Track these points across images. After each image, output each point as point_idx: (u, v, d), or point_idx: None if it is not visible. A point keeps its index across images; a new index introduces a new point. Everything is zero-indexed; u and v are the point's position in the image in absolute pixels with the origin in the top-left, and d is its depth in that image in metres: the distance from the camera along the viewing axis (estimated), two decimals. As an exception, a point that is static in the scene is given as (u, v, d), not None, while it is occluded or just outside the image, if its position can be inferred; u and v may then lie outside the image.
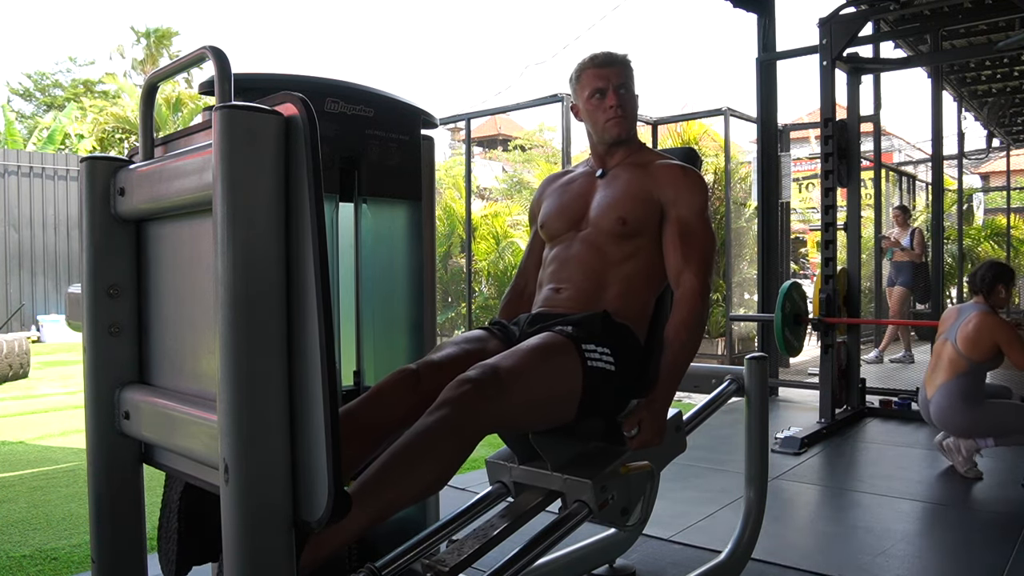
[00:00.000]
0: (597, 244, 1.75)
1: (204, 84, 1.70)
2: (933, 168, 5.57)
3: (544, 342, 1.54)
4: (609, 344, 1.61)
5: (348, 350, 1.93)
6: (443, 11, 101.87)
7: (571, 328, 1.59)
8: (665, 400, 1.63)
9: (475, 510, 1.69)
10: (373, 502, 1.30)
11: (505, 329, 1.73)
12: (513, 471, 1.70)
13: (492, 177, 12.57)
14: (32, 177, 10.50)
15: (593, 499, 1.55)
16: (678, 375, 1.64)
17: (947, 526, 2.78)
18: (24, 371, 6.74)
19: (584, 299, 1.71)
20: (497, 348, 1.61)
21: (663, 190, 1.74)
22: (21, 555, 2.51)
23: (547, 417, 1.56)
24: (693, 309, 1.64)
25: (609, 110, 1.78)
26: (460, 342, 1.64)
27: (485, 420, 1.40)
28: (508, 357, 1.47)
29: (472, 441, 1.39)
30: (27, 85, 21.93)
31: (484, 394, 1.38)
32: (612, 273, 1.73)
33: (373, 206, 1.95)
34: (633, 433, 1.59)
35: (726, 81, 77.32)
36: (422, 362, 1.55)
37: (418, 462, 1.33)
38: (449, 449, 1.36)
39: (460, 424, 1.36)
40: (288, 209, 1.06)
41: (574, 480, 1.58)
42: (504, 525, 1.52)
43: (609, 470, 1.59)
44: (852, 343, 4.62)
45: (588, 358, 1.55)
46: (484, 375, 1.40)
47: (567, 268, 1.76)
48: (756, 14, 5.33)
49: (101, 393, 1.41)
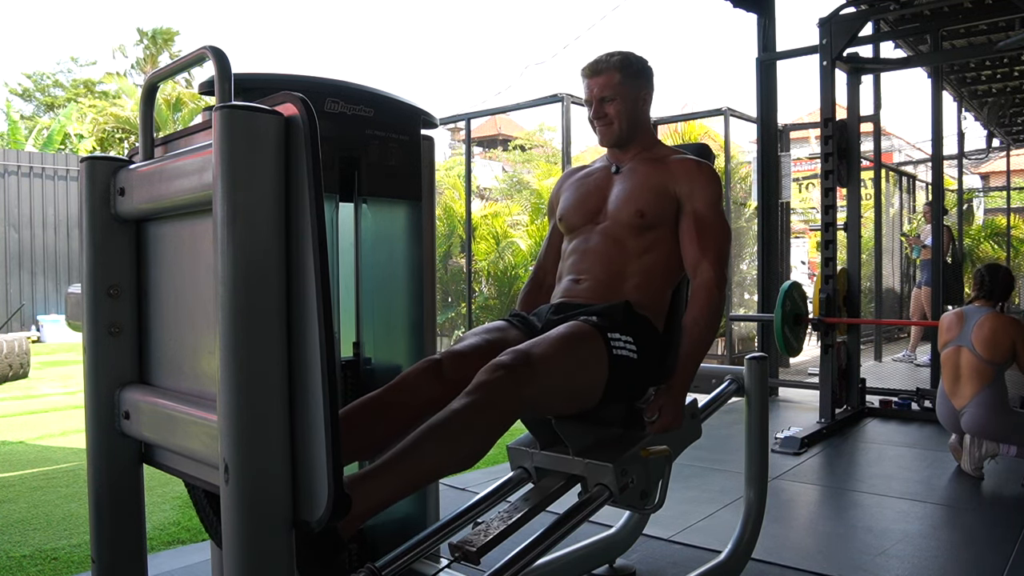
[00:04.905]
0: (616, 236, 1.79)
1: (204, 84, 1.70)
2: (933, 168, 5.55)
3: (572, 330, 1.58)
4: (632, 333, 1.66)
5: (348, 350, 1.94)
6: (443, 11, 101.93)
7: (596, 317, 1.64)
8: (683, 386, 1.69)
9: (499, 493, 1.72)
10: (406, 471, 1.34)
11: (525, 320, 1.77)
12: (535, 456, 1.73)
13: (492, 177, 12.55)
14: (32, 177, 10.51)
15: (614, 482, 1.59)
16: (696, 362, 1.71)
17: (947, 526, 2.78)
18: (24, 371, 6.74)
19: (604, 290, 1.75)
20: (517, 338, 1.66)
21: (679, 184, 1.78)
22: (21, 555, 2.51)
23: (574, 402, 1.61)
24: (710, 299, 1.71)
25: (594, 121, 1.85)
26: (481, 332, 1.69)
27: (518, 403, 1.45)
28: (539, 344, 1.52)
29: (506, 422, 1.44)
30: (27, 85, 21.92)
31: (517, 378, 1.43)
32: (631, 265, 1.77)
33: (373, 206, 1.95)
34: (654, 418, 1.65)
35: (726, 81, 77.39)
36: (445, 352, 1.60)
37: (455, 437, 1.37)
38: (484, 428, 1.41)
39: (495, 405, 1.41)
40: (288, 209, 1.06)
41: (595, 464, 1.62)
42: (528, 507, 1.56)
43: (629, 454, 1.63)
44: (852, 343, 4.62)
45: (613, 346, 1.61)
46: (517, 360, 1.45)
47: (586, 259, 1.81)
48: (756, 14, 5.33)
49: (101, 393, 1.41)
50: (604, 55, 1.84)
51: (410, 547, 1.51)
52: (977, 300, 3.31)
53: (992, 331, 3.15)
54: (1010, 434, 3.14)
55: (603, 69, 1.81)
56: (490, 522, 1.49)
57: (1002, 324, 3.17)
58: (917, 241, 6.98)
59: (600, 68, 1.81)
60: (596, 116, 1.83)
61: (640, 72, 1.83)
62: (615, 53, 1.83)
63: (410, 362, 1.99)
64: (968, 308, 3.34)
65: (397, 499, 1.35)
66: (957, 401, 3.24)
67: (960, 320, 3.30)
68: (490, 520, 1.50)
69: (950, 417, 3.31)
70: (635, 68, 1.82)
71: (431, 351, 2.04)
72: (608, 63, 1.81)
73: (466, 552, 1.39)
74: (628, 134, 1.84)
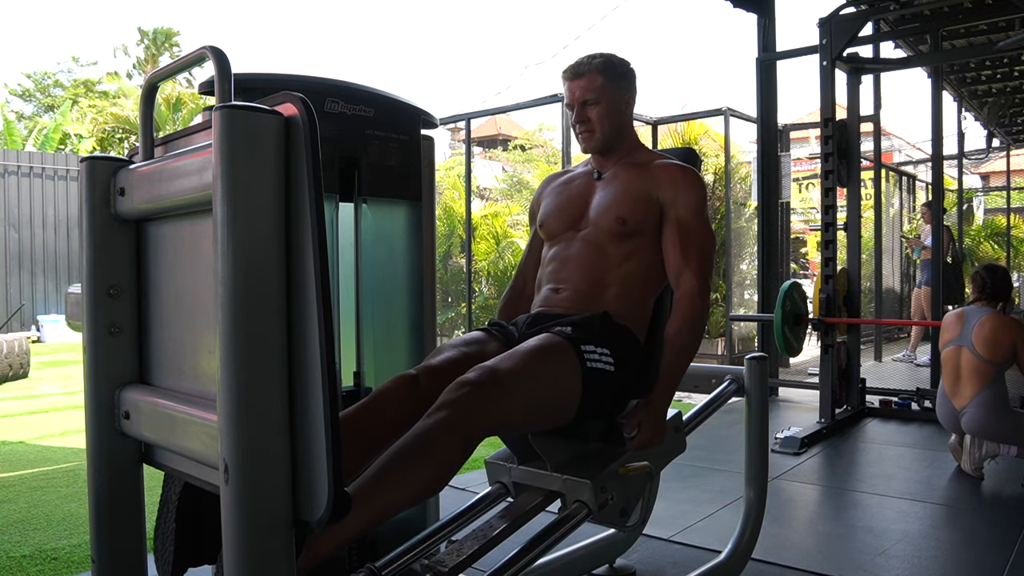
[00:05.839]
0: (597, 243, 1.74)
1: (204, 84, 1.70)
2: (933, 168, 5.55)
3: (542, 343, 1.54)
4: (609, 345, 1.61)
5: (348, 350, 1.93)
6: (443, 11, 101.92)
7: (570, 329, 1.59)
8: (664, 400, 1.63)
9: (474, 511, 1.69)
10: (374, 503, 1.30)
11: (504, 330, 1.72)
12: (513, 471, 1.70)
13: (492, 177, 12.55)
14: (32, 177, 10.51)
15: (592, 499, 1.55)
16: (678, 375, 1.65)
17: (947, 526, 2.78)
18: (24, 371, 6.74)
19: (583, 299, 1.70)
20: (496, 350, 1.61)
21: (662, 190, 1.73)
22: (21, 555, 2.51)
23: (547, 418, 1.56)
24: (693, 309, 1.65)
25: (575, 126, 1.79)
26: (459, 345, 1.64)
27: (484, 422, 1.40)
28: (507, 359, 1.47)
29: (472, 443, 1.39)
30: (27, 85, 21.92)
31: (483, 396, 1.38)
32: (611, 273, 1.72)
33: (373, 206, 1.95)
34: (633, 434, 1.59)
35: (726, 81, 77.37)
36: (421, 367, 1.55)
37: (419, 463, 1.33)
38: (449, 451, 1.36)
39: (459, 426, 1.36)
40: (288, 209, 1.06)
41: (574, 480, 1.58)
42: (504, 525, 1.52)
43: (608, 471, 1.59)
44: (852, 343, 4.62)
45: (587, 359, 1.55)
46: (483, 377, 1.40)
47: (566, 268, 1.76)
48: (756, 14, 5.33)
49: (101, 393, 1.41)
50: (586, 57, 1.77)
51: (410, 547, 1.51)
52: (978, 301, 3.31)
53: (992, 331, 3.15)
54: (1010, 434, 3.14)
55: (584, 72, 1.75)
56: (464, 541, 1.46)
57: (1002, 324, 3.17)
58: (917, 242, 6.99)
59: (582, 70, 1.75)
60: (578, 120, 1.77)
61: (623, 75, 1.77)
62: (597, 55, 1.77)
63: (410, 362, 1.99)
64: (969, 308, 3.34)
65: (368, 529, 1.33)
66: (957, 401, 3.24)
67: (960, 320, 3.30)
68: (464, 539, 1.47)
69: (950, 417, 3.30)
70: (618, 71, 1.76)
71: (431, 351, 2.04)
72: (590, 65, 1.75)
73: (438, 572, 1.35)
74: (611, 140, 1.79)
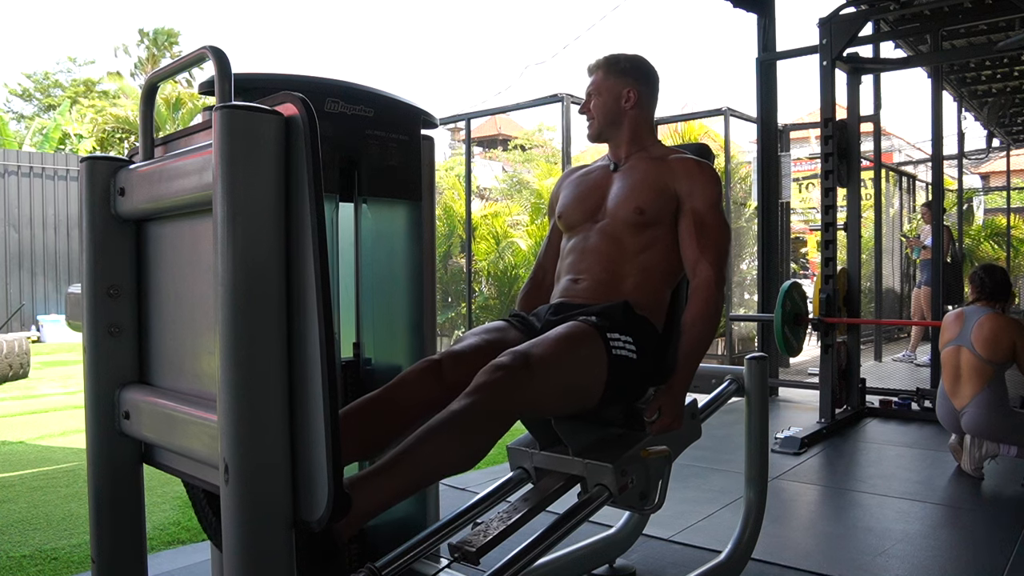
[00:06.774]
0: (615, 234, 1.79)
1: (204, 84, 1.70)
2: (933, 168, 5.55)
3: (571, 331, 1.58)
4: (631, 333, 1.66)
5: (348, 350, 1.93)
6: (443, 11, 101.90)
7: (595, 317, 1.64)
8: (683, 386, 1.69)
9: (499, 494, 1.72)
10: (407, 472, 1.34)
11: (524, 320, 1.78)
12: (535, 457, 1.73)
13: (492, 177, 12.54)
14: (32, 177, 10.50)
15: (614, 482, 1.59)
16: (695, 363, 1.71)
17: (947, 526, 2.78)
18: (24, 371, 6.74)
19: (603, 289, 1.75)
20: (517, 339, 1.66)
21: (679, 182, 1.79)
22: (21, 555, 2.51)
23: (573, 402, 1.61)
24: (709, 298, 1.71)
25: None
26: (480, 332, 1.69)
27: (517, 404, 1.46)
28: (538, 345, 1.52)
29: (505, 423, 1.44)
30: (27, 85, 21.91)
31: (516, 379, 1.43)
32: (630, 264, 1.77)
33: (373, 206, 1.95)
34: (654, 418, 1.64)
35: (726, 81, 77.39)
36: (444, 353, 1.60)
37: (456, 439, 1.38)
38: (483, 430, 1.41)
39: (494, 406, 1.41)
40: (288, 209, 1.06)
41: (595, 464, 1.62)
42: (528, 508, 1.56)
43: (629, 455, 1.63)
44: (852, 343, 4.62)
45: (613, 346, 1.60)
46: (516, 361, 1.45)
47: (585, 259, 1.81)
48: (756, 14, 5.33)
49: (101, 393, 1.41)
50: (596, 58, 1.91)
51: (410, 547, 1.51)
52: (978, 302, 3.31)
53: (992, 331, 3.15)
54: (1010, 434, 3.14)
55: (592, 68, 1.89)
56: (489, 522, 1.49)
57: (1002, 324, 3.17)
58: (917, 242, 6.99)
59: (591, 68, 1.89)
60: (582, 111, 1.90)
61: (625, 70, 1.85)
62: (610, 54, 1.89)
63: (410, 362, 1.99)
64: (968, 308, 3.34)
65: (397, 500, 1.35)
66: (957, 401, 3.24)
67: (960, 320, 3.30)
68: (489, 520, 1.50)
69: (950, 417, 3.30)
70: (620, 65, 1.86)
71: (431, 351, 2.04)
72: (597, 62, 1.88)
73: (465, 552, 1.39)
74: (603, 128, 1.87)
